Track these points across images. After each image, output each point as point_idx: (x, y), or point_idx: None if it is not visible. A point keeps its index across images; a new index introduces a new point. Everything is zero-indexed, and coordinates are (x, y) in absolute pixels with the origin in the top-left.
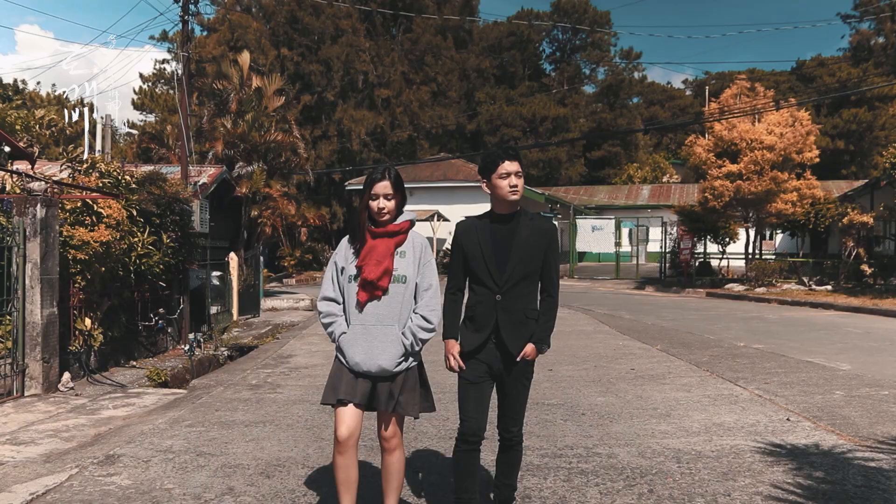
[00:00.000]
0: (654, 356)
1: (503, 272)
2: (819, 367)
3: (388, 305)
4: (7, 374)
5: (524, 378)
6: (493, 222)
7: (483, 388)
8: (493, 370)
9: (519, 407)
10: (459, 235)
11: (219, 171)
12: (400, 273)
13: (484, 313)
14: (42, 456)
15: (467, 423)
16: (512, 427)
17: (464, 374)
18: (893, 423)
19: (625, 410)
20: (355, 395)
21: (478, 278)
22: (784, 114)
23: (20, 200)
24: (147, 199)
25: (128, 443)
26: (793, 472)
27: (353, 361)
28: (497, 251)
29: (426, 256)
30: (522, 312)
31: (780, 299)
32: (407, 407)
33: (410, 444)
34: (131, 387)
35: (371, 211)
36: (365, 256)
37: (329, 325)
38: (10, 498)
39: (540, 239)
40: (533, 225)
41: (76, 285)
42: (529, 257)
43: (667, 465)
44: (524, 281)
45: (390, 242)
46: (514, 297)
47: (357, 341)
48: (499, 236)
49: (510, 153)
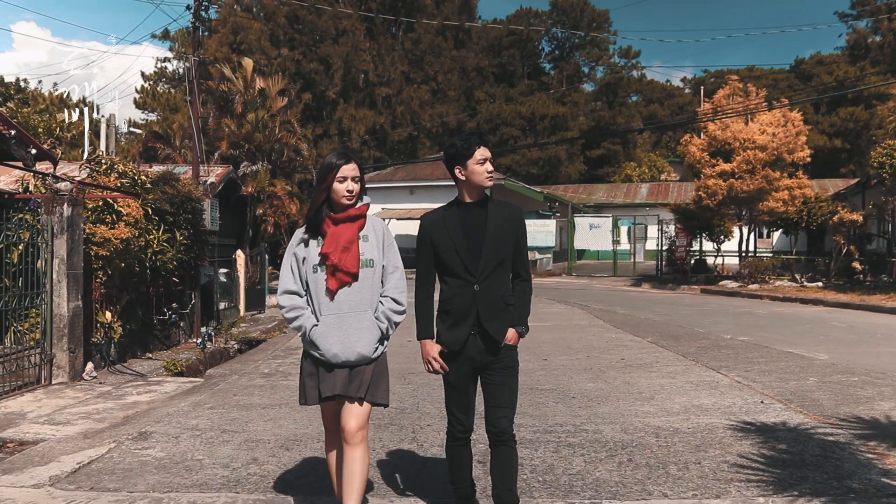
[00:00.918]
0: (644, 347)
1: (478, 261)
2: (798, 357)
3: (359, 291)
4: (36, 364)
5: (510, 367)
6: (461, 212)
7: (468, 389)
8: (476, 364)
9: (506, 396)
10: (426, 230)
11: (225, 170)
12: (367, 257)
13: (462, 305)
14: (80, 434)
15: (456, 422)
16: (501, 418)
17: (448, 376)
18: (856, 405)
19: (612, 394)
20: (336, 387)
21: (451, 270)
22: (776, 114)
23: (48, 200)
24: (161, 198)
25: (156, 422)
26: (759, 444)
27: (330, 353)
28: (470, 241)
29: (388, 239)
30: (501, 300)
31: (772, 295)
32: (379, 393)
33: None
34: (150, 376)
35: (336, 195)
36: (331, 243)
37: (296, 319)
38: (61, 466)
39: (510, 225)
40: (501, 211)
41: (97, 280)
42: (502, 244)
43: (646, 440)
44: (499, 268)
45: (354, 227)
46: (491, 285)
47: (331, 331)
48: (470, 225)
49: (484, 138)
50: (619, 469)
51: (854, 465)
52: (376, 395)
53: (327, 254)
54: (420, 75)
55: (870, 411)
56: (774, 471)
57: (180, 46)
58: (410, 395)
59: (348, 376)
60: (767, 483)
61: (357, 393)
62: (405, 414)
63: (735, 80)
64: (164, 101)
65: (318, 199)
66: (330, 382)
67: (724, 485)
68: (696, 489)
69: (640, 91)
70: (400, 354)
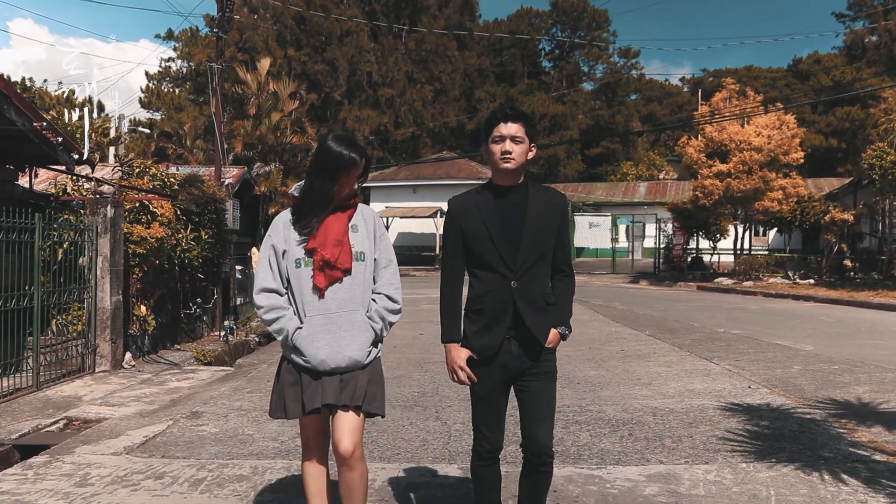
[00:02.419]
0: (642, 340)
1: (517, 254)
2: (785, 349)
3: (350, 288)
4: (79, 354)
5: (547, 370)
6: (495, 196)
7: (498, 403)
8: (510, 371)
9: (545, 405)
10: (455, 215)
11: (241, 171)
12: (358, 250)
13: (497, 304)
14: (136, 413)
15: (483, 441)
16: (543, 435)
17: (476, 387)
18: (834, 389)
19: (613, 381)
20: (324, 397)
21: (484, 263)
22: (772, 117)
23: (92, 202)
24: (188, 199)
25: (203, 404)
26: (744, 422)
27: (317, 359)
28: (506, 230)
29: (380, 229)
30: (542, 298)
31: (765, 292)
32: (375, 403)
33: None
34: (183, 365)
35: (341, 189)
36: (321, 236)
37: (275, 321)
38: (130, 439)
39: (552, 213)
40: (542, 197)
41: (134, 276)
42: (543, 235)
43: (644, 418)
44: (539, 262)
45: (343, 217)
46: (530, 281)
47: (318, 334)
48: (505, 212)
49: (508, 112)
50: (621, 441)
51: (826, 438)
52: (372, 404)
53: (317, 248)
54: (424, 76)
55: (845, 394)
56: (756, 443)
57: (184, 46)
58: (429, 381)
59: (339, 385)
60: (750, 452)
61: (352, 402)
62: (427, 397)
63: (731, 84)
64: (168, 100)
65: (324, 190)
66: (316, 392)
67: (712, 454)
68: (687, 457)
69: (640, 90)
70: (414, 346)
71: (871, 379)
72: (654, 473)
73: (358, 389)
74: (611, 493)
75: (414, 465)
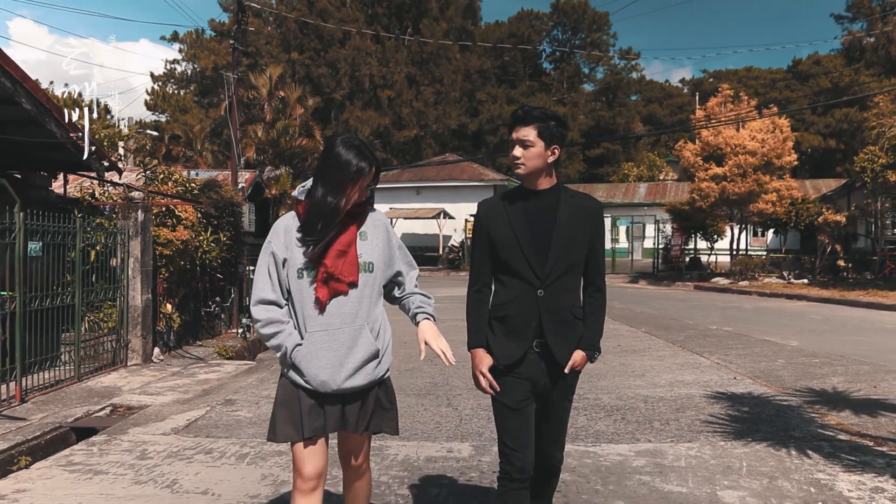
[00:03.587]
0: (639, 336)
1: (545, 261)
2: (772, 344)
3: (356, 302)
4: (111, 348)
5: (570, 393)
6: (524, 201)
7: (528, 415)
8: (538, 387)
9: (563, 428)
10: (483, 218)
11: (253, 175)
12: (366, 260)
13: (522, 313)
14: (174, 401)
15: (513, 458)
16: (556, 451)
17: (501, 398)
18: (812, 380)
19: (609, 373)
20: (326, 427)
21: (511, 269)
22: (766, 121)
23: (124, 207)
24: (208, 203)
25: (234, 393)
26: (727, 407)
27: (317, 380)
28: (535, 236)
29: (393, 237)
30: (569, 311)
31: (760, 291)
32: (385, 422)
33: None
34: (208, 359)
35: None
36: (325, 244)
37: (274, 337)
38: (175, 422)
39: (585, 221)
40: (575, 203)
41: (160, 276)
42: (574, 243)
43: (636, 404)
44: (569, 273)
45: (351, 225)
46: (557, 292)
47: (319, 353)
48: (535, 217)
49: (518, 115)
50: (615, 424)
51: (799, 421)
52: (382, 423)
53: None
54: (426, 78)
55: (821, 384)
56: (735, 425)
57: (189, 49)
58: (440, 373)
59: (342, 409)
60: (729, 433)
61: (356, 429)
62: (438, 387)
63: (726, 89)
64: (174, 102)
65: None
66: (317, 417)
67: (695, 434)
68: (673, 437)
69: (640, 91)
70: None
71: (847, 371)
72: (643, 450)
73: (363, 414)
74: (603, 464)
75: (430, 443)
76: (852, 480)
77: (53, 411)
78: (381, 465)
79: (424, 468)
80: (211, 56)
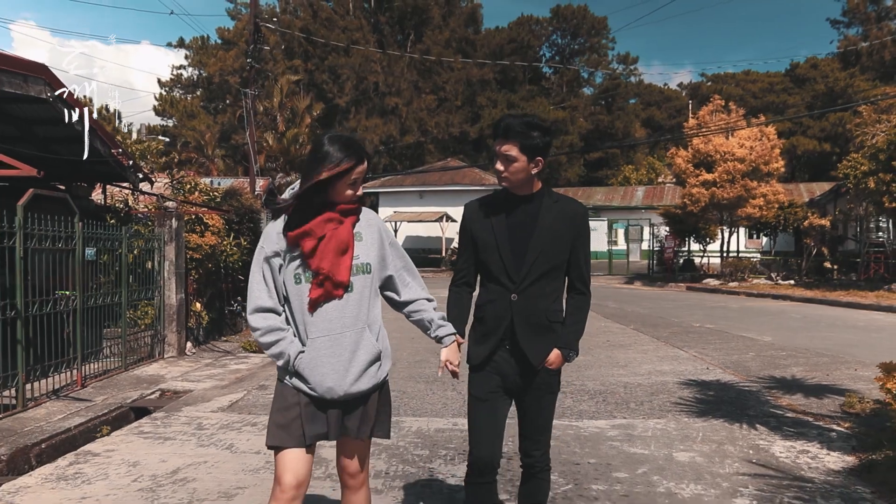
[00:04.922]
0: (627, 333)
1: (521, 266)
2: (748, 339)
3: (356, 305)
4: (148, 343)
5: (547, 392)
6: (508, 205)
7: (497, 407)
8: (508, 383)
9: (541, 426)
10: (468, 220)
11: (266, 182)
12: (362, 261)
13: (495, 315)
14: (213, 387)
15: (477, 451)
16: (533, 450)
17: (471, 390)
18: (775, 369)
19: (596, 363)
20: (328, 434)
21: (490, 272)
22: (754, 129)
23: (160, 215)
24: (231, 210)
25: (266, 380)
26: (695, 392)
27: (323, 387)
28: (514, 239)
29: (389, 236)
30: (544, 315)
31: (748, 292)
32: (382, 426)
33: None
34: (235, 353)
35: (338, 194)
36: (321, 246)
37: (274, 345)
38: (219, 402)
39: (567, 226)
40: (558, 208)
41: (191, 278)
42: (553, 248)
43: (616, 389)
44: (546, 277)
45: (348, 224)
46: (532, 296)
47: (323, 359)
48: (517, 221)
49: (499, 129)
50: (596, 405)
51: (755, 402)
52: (379, 427)
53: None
54: (428, 85)
55: (782, 373)
56: (700, 406)
57: (195, 55)
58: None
59: (345, 414)
60: (693, 412)
61: (358, 434)
62: (444, 375)
63: (717, 99)
64: (181, 108)
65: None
66: (319, 423)
67: (664, 412)
68: (645, 415)
69: (639, 94)
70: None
71: (808, 362)
72: (617, 424)
73: (367, 419)
74: (583, 434)
75: (439, 418)
76: (786, 445)
77: (111, 395)
78: (399, 434)
79: (435, 436)
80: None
